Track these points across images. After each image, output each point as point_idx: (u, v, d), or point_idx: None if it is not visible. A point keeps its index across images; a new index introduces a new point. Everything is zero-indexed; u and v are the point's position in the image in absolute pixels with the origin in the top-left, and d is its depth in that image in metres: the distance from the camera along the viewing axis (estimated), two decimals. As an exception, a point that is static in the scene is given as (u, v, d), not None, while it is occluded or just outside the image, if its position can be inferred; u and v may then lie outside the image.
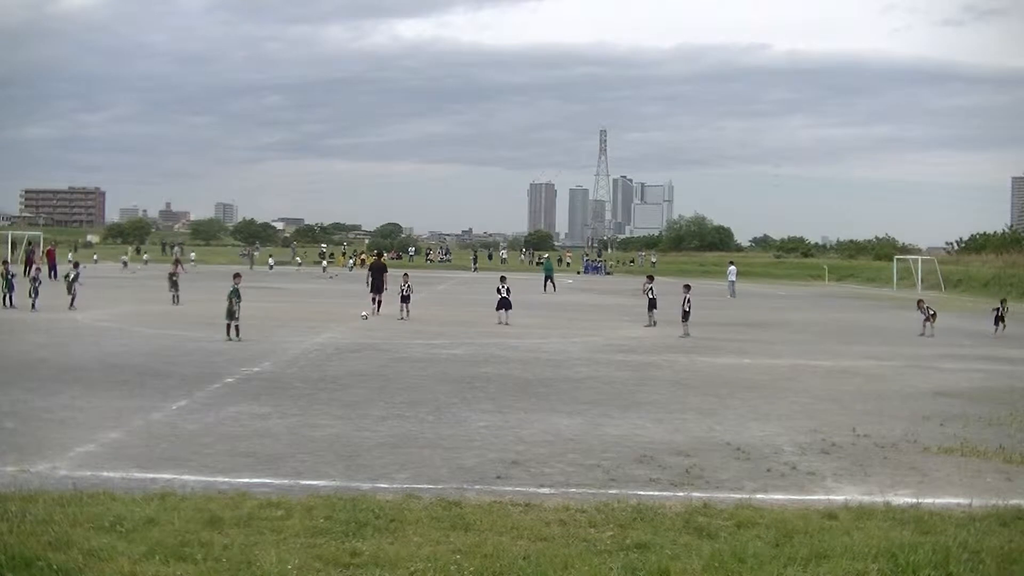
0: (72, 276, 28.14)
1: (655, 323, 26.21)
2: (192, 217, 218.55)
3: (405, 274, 29.50)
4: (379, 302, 28.28)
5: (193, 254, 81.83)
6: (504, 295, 26.17)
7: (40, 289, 27.50)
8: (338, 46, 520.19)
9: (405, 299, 27.36)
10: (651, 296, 26.88)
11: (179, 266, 33.78)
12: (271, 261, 73.74)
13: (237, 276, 21.77)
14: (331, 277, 58.58)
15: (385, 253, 56.71)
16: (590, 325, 27.01)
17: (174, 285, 31.05)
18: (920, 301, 28.06)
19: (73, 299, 27.18)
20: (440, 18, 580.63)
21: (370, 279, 29.63)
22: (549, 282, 46.88)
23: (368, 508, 7.41)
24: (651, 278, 28.67)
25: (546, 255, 77.40)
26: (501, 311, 26.07)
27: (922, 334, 25.92)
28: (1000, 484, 9.11)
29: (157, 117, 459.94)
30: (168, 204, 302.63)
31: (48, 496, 7.51)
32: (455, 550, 6.50)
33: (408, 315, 26.98)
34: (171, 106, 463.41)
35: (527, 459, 9.71)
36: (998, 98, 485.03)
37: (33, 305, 26.40)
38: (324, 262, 74.46)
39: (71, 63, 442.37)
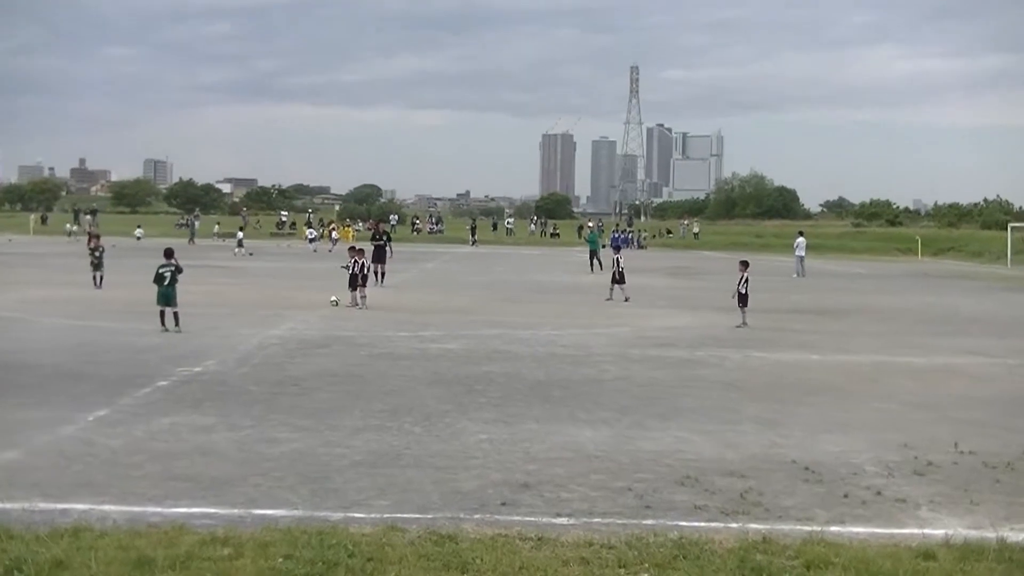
0: None
1: (746, 323, 24.23)
2: (113, 177, 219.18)
3: None
4: (378, 273, 27.26)
5: None
6: (358, 271, 27.14)
7: None
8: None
9: None
10: (743, 291, 24.76)
11: (97, 240, 33.59)
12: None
13: (169, 252, 21.72)
14: (250, 254, 52.88)
15: (360, 223, 55.30)
16: (618, 312, 27.02)
17: (97, 264, 30.89)
18: None
19: None
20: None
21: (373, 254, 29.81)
22: (595, 259, 45.02)
23: (339, 544, 7.42)
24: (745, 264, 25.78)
25: (591, 224, 76.94)
26: (355, 291, 26.84)
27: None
28: None
29: (68, 49, 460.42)
30: (82, 161, 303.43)
31: (-76, 533, 7.50)
32: (449, 598, 6.49)
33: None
34: (86, 35, 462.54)
35: (540, 481, 9.72)
36: None
37: None
38: (240, 233, 58.13)
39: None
